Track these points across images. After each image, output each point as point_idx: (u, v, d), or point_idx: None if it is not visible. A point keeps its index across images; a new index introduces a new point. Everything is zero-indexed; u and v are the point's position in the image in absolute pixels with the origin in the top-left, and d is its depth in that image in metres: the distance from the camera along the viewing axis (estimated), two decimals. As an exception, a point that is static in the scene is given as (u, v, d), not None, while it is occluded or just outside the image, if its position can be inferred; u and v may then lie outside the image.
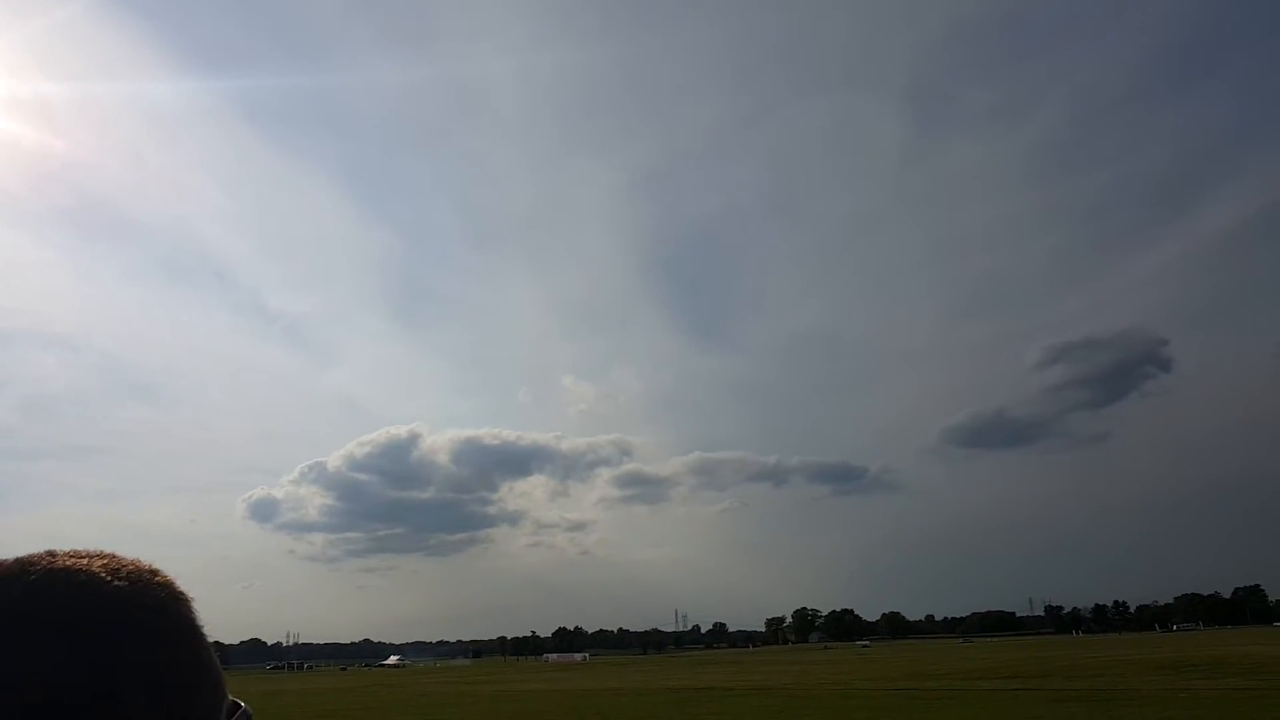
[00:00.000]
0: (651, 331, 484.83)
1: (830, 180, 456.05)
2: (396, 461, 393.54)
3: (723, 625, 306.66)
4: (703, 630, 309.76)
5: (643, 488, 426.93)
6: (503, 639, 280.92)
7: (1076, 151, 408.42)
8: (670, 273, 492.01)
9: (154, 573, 0.97)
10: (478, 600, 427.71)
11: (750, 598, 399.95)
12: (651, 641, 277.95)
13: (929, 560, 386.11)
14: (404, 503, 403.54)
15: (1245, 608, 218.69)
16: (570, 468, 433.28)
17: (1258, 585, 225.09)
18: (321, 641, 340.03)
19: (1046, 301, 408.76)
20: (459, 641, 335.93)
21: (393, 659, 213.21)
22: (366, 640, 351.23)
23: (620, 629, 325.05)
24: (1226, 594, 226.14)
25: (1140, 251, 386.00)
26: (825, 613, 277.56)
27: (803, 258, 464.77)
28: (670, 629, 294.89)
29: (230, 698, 0.98)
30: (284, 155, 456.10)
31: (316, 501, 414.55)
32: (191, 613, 0.97)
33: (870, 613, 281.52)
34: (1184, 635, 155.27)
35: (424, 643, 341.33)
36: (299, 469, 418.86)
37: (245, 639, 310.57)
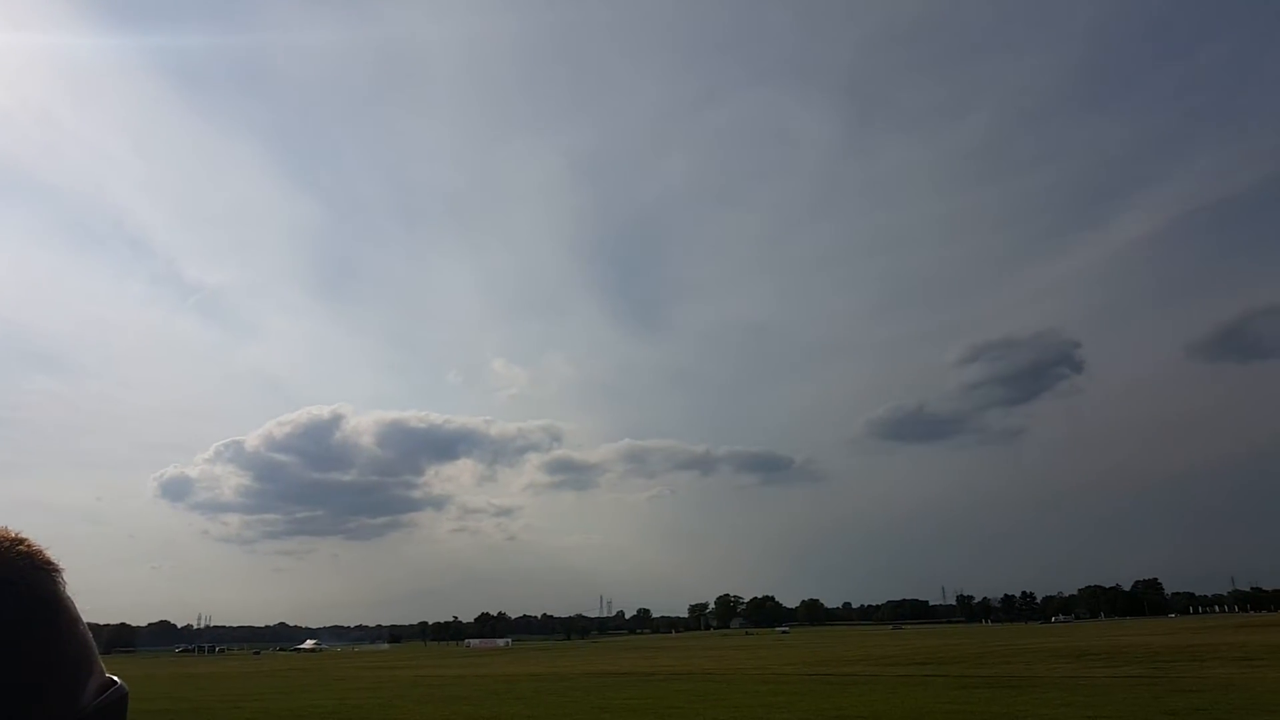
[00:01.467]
0: (585, 317, 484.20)
1: (767, 172, 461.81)
2: (318, 442, 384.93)
3: (647, 611, 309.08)
4: (627, 616, 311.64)
5: (572, 474, 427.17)
6: (424, 624, 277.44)
7: (1002, 158, 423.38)
8: (606, 258, 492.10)
9: (17, 541, 0.94)
10: (399, 585, 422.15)
11: (675, 584, 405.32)
12: (575, 627, 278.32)
13: (849, 549, 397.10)
14: (325, 485, 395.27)
15: (1143, 600, 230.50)
16: (499, 452, 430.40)
17: (1155, 579, 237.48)
18: (234, 625, 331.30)
19: (968, 301, 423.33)
20: (378, 626, 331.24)
21: (309, 643, 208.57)
22: (282, 624, 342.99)
23: (544, 615, 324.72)
24: (1127, 586, 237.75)
25: (1057, 257, 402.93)
26: (747, 599, 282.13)
27: (737, 248, 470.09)
28: (595, 615, 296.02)
29: (106, 675, 0.95)
30: (206, 120, 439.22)
31: (233, 481, 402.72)
32: (56, 584, 0.93)
33: (791, 600, 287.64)
34: (1085, 625, 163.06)
35: (342, 627, 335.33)
36: (215, 447, 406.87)
37: (154, 621, 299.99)
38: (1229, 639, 56.38)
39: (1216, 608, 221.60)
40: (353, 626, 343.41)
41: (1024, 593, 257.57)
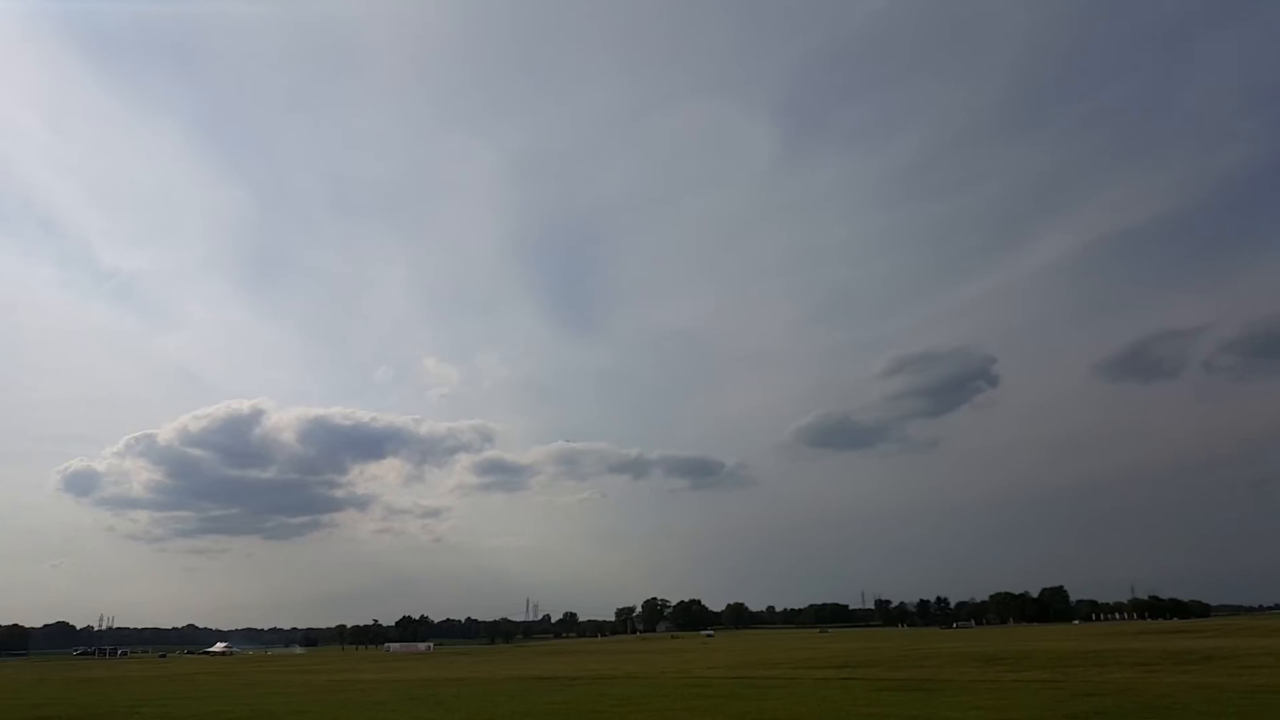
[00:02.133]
0: (521, 318, 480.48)
1: (708, 181, 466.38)
2: (236, 437, 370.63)
3: (573, 615, 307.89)
4: (553, 620, 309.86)
5: (502, 475, 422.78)
6: (342, 627, 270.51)
7: (931, 178, 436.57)
8: (544, 259, 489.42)
9: None
10: (317, 587, 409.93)
11: (603, 588, 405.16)
12: (500, 631, 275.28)
13: (774, 553, 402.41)
14: (242, 482, 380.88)
15: (1050, 606, 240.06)
16: (428, 452, 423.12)
17: (1061, 586, 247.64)
18: (139, 626, 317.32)
19: (895, 315, 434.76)
20: (293, 629, 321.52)
21: (219, 646, 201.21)
22: (191, 626, 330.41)
23: (469, 618, 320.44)
24: (1035, 593, 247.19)
25: (979, 275, 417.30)
26: (674, 603, 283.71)
27: (674, 255, 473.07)
28: (520, 619, 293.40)
29: None
30: (126, 94, 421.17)
31: (143, 476, 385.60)
32: None
33: (716, 603, 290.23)
34: (988, 630, 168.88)
35: (255, 630, 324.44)
36: (125, 440, 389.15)
37: (50, 622, 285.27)
38: (1128, 645, 59.10)
39: (1117, 615, 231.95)
40: (267, 629, 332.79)
41: (938, 598, 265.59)
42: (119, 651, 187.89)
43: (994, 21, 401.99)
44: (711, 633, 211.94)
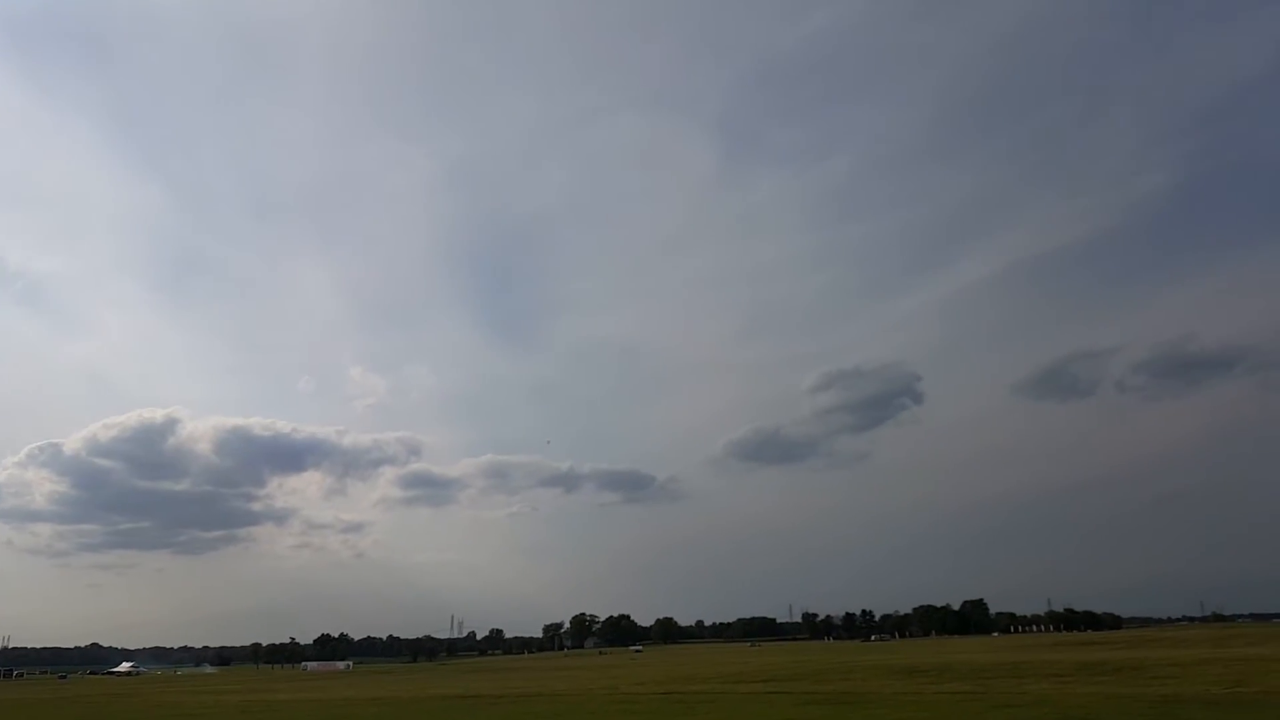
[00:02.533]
0: (451, 327, 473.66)
1: (641, 195, 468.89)
2: (148, 448, 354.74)
3: (499, 632, 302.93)
4: (478, 637, 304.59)
5: (429, 489, 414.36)
6: (257, 646, 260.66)
7: (860, 199, 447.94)
8: (476, 269, 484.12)
9: None
10: (231, 604, 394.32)
11: (531, 603, 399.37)
12: (423, 649, 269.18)
13: (704, 568, 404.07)
14: (154, 494, 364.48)
15: (970, 619, 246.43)
16: (351, 465, 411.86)
17: (981, 599, 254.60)
18: (39, 646, 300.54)
19: (825, 331, 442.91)
20: (205, 648, 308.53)
21: (125, 666, 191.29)
22: (95, 645, 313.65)
23: (390, 636, 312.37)
24: (956, 605, 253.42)
25: (905, 294, 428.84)
26: (603, 618, 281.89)
27: (609, 267, 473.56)
28: (444, 636, 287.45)
29: None
30: (33, 88, 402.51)
31: (46, 488, 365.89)
32: None
33: (646, 618, 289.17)
34: (908, 642, 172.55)
35: (163, 648, 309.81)
36: (27, 450, 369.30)
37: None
38: (1044, 656, 60.86)
39: (1034, 627, 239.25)
40: (176, 648, 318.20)
41: (864, 610, 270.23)
42: (14, 673, 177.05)
43: (920, 51, 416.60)
44: (640, 648, 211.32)
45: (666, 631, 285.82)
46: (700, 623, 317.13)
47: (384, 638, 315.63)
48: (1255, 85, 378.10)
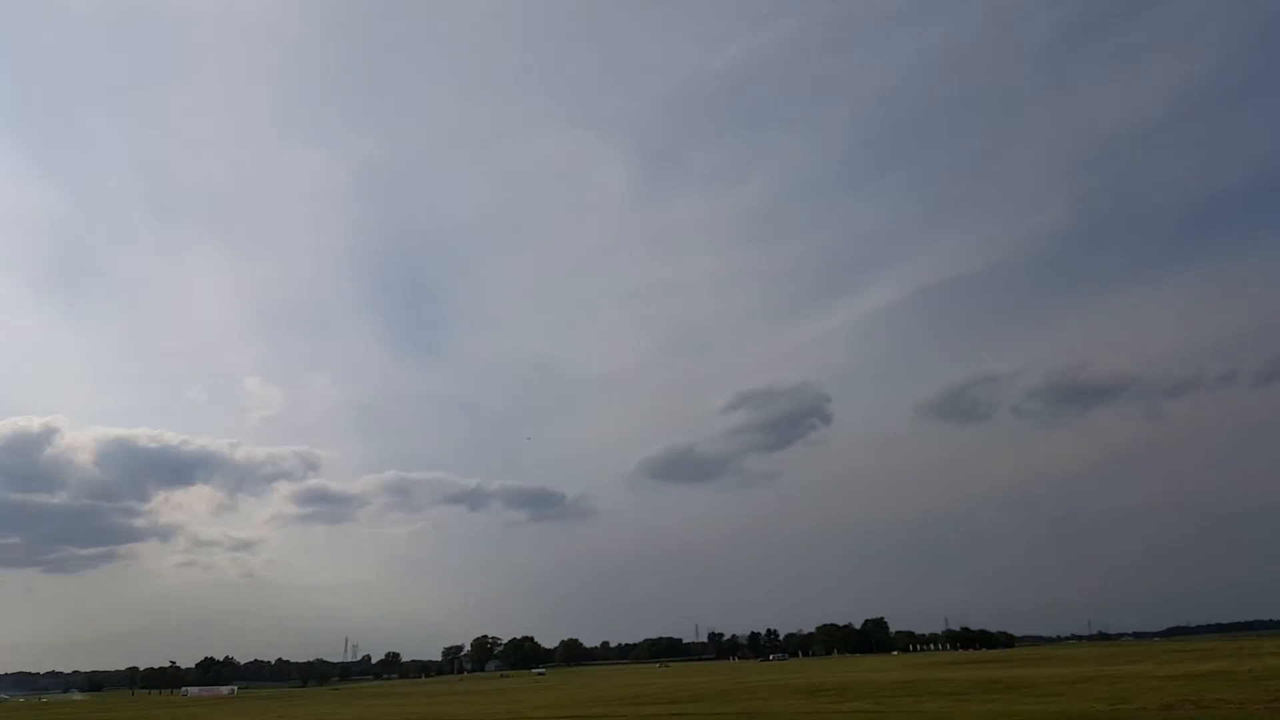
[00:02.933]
0: (357, 338, 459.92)
1: (560, 210, 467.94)
2: (21, 458, 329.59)
3: (396, 655, 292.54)
4: (374, 660, 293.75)
5: (326, 505, 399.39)
6: (133, 670, 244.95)
7: (776, 223, 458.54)
8: (386, 278, 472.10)
9: None
10: (107, 625, 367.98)
11: (431, 625, 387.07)
12: (315, 673, 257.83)
13: (612, 587, 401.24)
14: (26, 508, 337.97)
15: (871, 637, 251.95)
16: (243, 479, 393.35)
17: (882, 617, 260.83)
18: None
19: (739, 351, 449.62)
20: (75, 673, 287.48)
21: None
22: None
23: (279, 659, 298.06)
24: (858, 624, 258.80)
25: (817, 317, 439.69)
26: (506, 640, 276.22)
27: (525, 281, 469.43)
28: (337, 659, 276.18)
29: None
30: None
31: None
32: None
33: (550, 640, 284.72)
34: (819, 661, 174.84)
35: (29, 674, 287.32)
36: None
37: None
38: (941, 675, 61.94)
39: (932, 645, 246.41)
40: (43, 673, 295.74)
41: (768, 630, 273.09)
42: None
43: (836, 84, 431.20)
44: (543, 671, 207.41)
45: (571, 653, 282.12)
46: (606, 644, 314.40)
47: (273, 661, 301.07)
48: (1146, 131, 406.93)
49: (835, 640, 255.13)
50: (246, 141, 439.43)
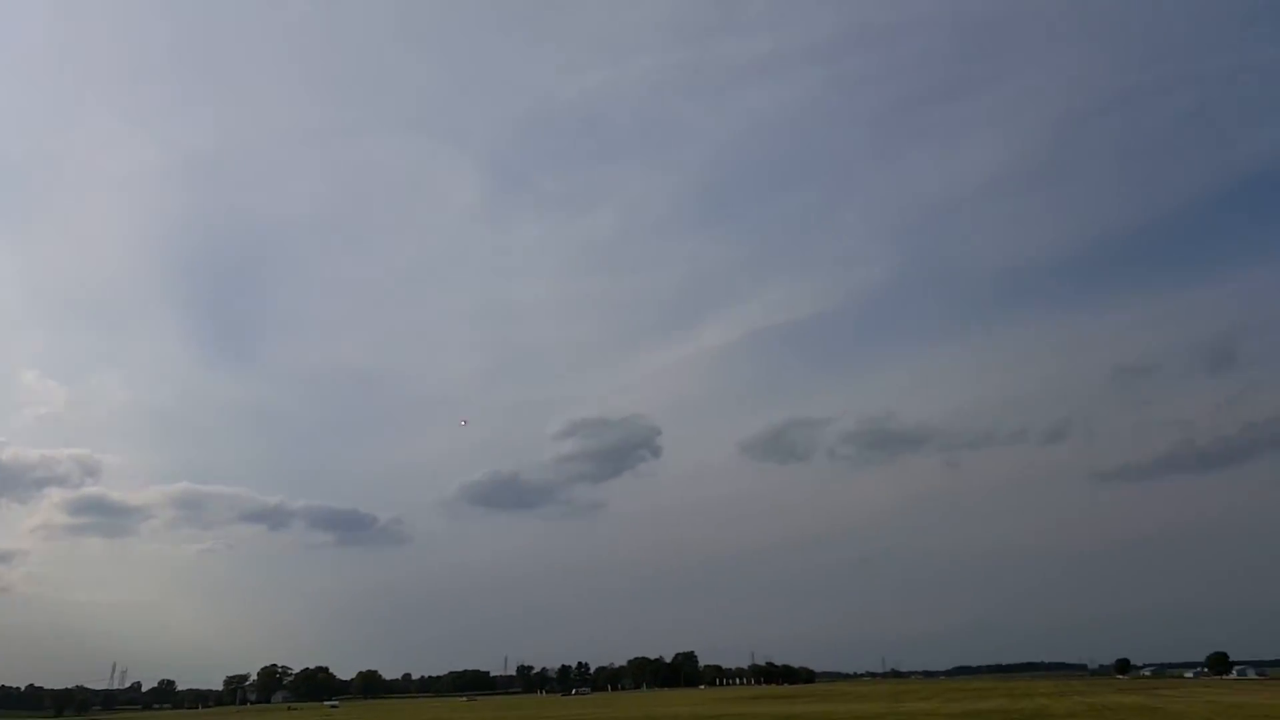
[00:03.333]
0: (158, 336, 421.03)
1: (399, 220, 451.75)
2: None
3: (170, 683, 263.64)
4: (145, 688, 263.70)
5: (103, 516, 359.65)
6: None
7: (621, 254, 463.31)
8: (199, 275, 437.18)
9: None
10: None
11: (215, 652, 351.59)
12: (74, 701, 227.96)
13: (420, 617, 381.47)
14: None
15: (681, 670, 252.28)
16: (8, 483, 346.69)
17: (692, 651, 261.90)
18: None
19: (574, 378, 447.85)
20: None
21: None
22: None
23: (30, 686, 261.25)
24: (669, 658, 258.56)
25: (653, 350, 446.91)
26: (297, 670, 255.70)
27: (355, 290, 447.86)
28: (101, 687, 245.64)
29: None
30: None
31: None
32: None
33: (347, 671, 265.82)
34: (627, 695, 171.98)
35: None
36: None
37: None
38: (744, 709, 59.75)
39: (738, 679, 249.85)
40: None
41: (579, 663, 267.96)
42: None
43: (691, 125, 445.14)
44: (337, 704, 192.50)
45: (369, 685, 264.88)
46: (408, 676, 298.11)
47: (20, 688, 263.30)
48: (963, 202, 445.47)
49: (646, 673, 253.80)
50: (41, 111, 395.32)
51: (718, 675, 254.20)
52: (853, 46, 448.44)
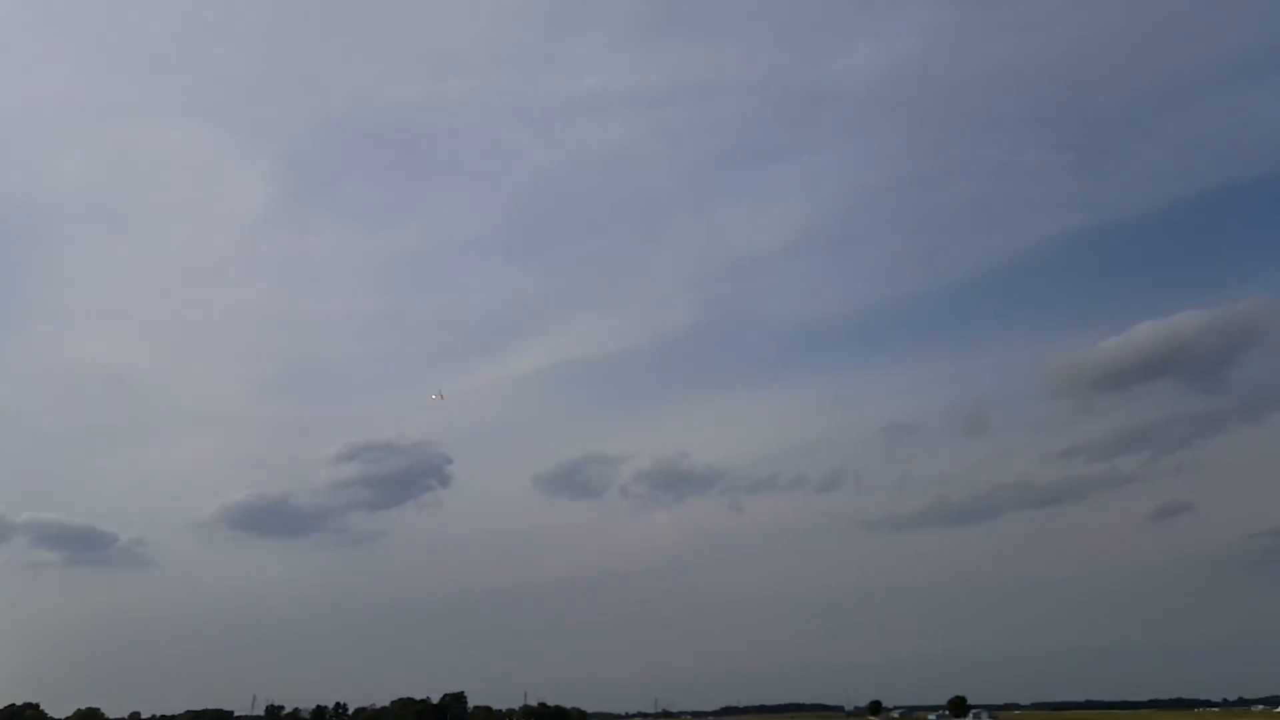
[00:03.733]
0: None
1: (181, 212, 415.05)
2: None
3: None
4: None
5: None
6: None
7: (427, 272, 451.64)
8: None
9: None
10: None
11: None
12: None
13: (155, 648, 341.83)
14: None
15: (448, 711, 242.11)
16: None
17: (462, 691, 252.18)
18: None
19: (362, 398, 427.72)
20: None
21: None
22: None
23: None
24: (436, 698, 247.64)
25: (452, 376, 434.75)
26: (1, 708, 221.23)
27: (120, 283, 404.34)
28: None
29: None
30: None
31: None
32: None
33: (61, 708, 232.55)
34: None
35: None
36: None
37: None
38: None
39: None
40: None
41: (337, 703, 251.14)
42: None
43: (514, 151, 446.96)
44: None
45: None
46: (136, 714, 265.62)
47: None
48: (767, 259, 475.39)
49: (410, 715, 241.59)
50: None
51: (487, 717, 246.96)
52: (678, 99, 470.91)
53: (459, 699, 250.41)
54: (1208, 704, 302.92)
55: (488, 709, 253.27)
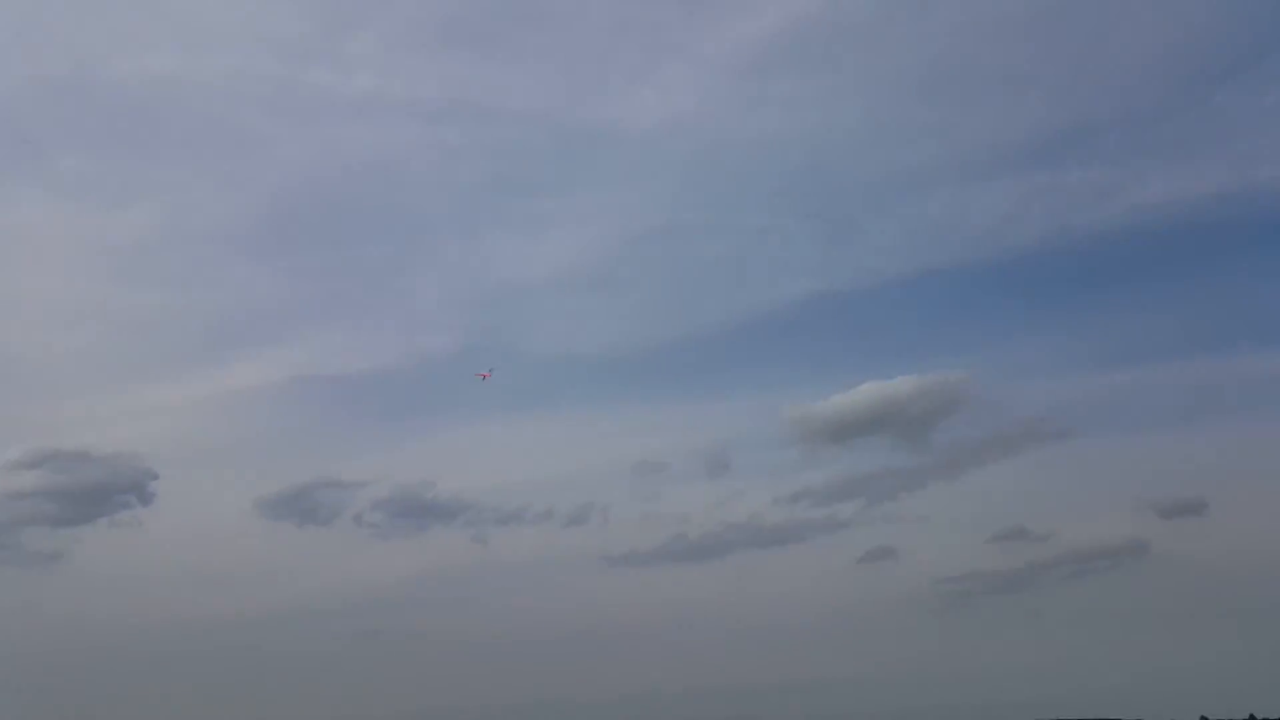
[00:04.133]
0: None
1: None
2: None
3: None
4: None
5: None
6: None
7: (150, 263, 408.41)
8: None
9: None
10: None
11: None
12: None
13: None
14: None
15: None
16: None
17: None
18: None
19: (54, 400, 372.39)
20: None
21: None
22: None
23: None
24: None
25: (168, 382, 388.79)
26: None
27: None
28: None
29: None
30: None
31: None
32: None
33: None
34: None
35: None
36: None
37: None
38: None
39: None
40: None
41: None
42: None
43: (274, 146, 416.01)
44: None
45: None
46: None
47: None
48: (534, 290, 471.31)
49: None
50: None
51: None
52: (457, 117, 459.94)
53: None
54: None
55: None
